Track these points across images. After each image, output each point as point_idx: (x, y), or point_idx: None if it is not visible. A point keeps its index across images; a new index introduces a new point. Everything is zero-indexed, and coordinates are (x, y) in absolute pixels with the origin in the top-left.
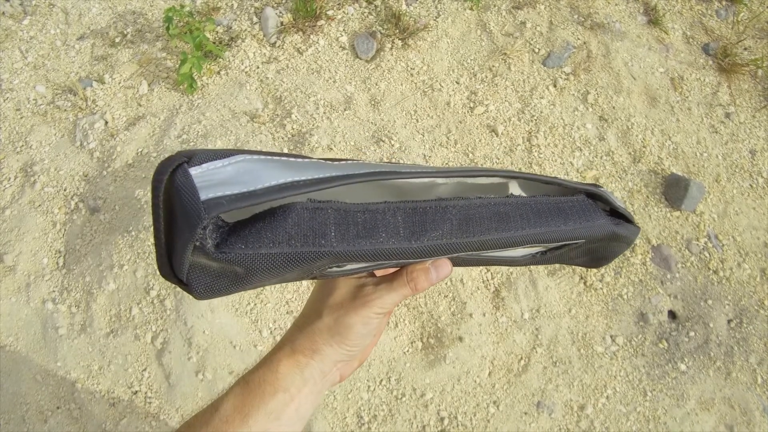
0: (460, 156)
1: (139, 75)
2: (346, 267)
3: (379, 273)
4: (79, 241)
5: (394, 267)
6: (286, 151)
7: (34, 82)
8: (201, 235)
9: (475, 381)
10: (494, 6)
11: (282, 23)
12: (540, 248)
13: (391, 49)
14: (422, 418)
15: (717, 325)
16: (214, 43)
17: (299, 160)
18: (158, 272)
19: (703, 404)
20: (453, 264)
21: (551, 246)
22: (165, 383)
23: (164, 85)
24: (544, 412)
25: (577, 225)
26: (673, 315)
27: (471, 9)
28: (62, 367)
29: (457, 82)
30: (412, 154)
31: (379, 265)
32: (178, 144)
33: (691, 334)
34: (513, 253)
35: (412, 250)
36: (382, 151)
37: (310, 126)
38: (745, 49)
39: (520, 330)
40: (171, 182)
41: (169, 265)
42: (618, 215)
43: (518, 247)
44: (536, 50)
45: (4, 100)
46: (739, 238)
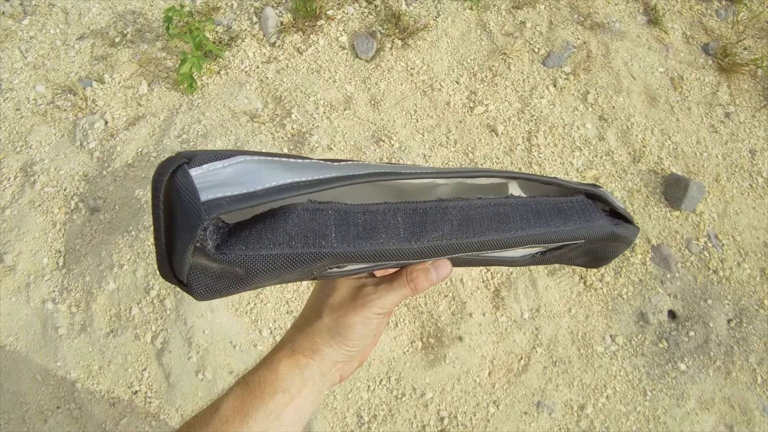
0: (459, 156)
1: (139, 75)
2: (346, 268)
3: (379, 273)
4: (79, 240)
5: (394, 267)
6: (286, 151)
7: (34, 81)
8: (201, 236)
9: (475, 381)
10: (494, 6)
11: (282, 23)
12: (540, 248)
13: (391, 48)
14: (422, 417)
15: (717, 325)
16: (214, 42)
17: (299, 160)
18: (158, 273)
19: (703, 404)
20: (453, 264)
21: (551, 246)
22: (165, 383)
23: (164, 85)
24: (544, 412)
25: (577, 225)
26: (673, 315)
27: (471, 9)
28: (62, 366)
29: (456, 82)
30: (411, 154)
31: (379, 265)
32: (177, 144)
33: (691, 333)
34: (513, 253)
35: (412, 250)
36: (381, 150)
37: (310, 126)
38: (745, 48)
39: (520, 330)
40: (171, 183)
41: (170, 266)
42: (617, 215)
43: (518, 248)
44: (536, 50)
45: (4, 100)
46: (738, 237)
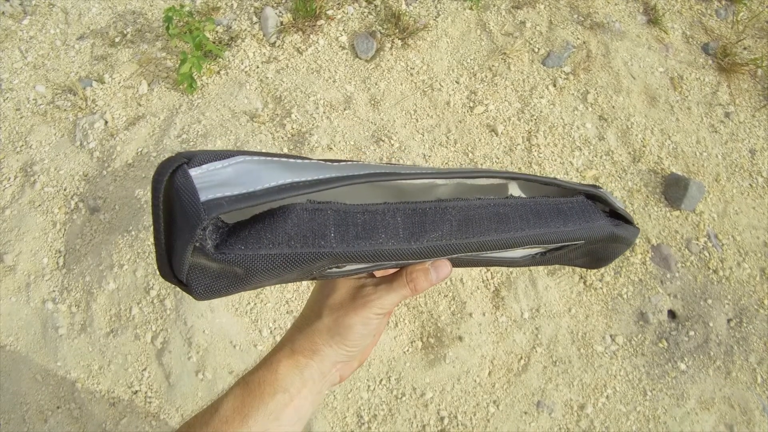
0: (459, 155)
1: (138, 75)
2: (345, 268)
3: (378, 273)
4: (79, 240)
5: (393, 268)
6: (285, 150)
7: (33, 81)
8: (201, 236)
9: (475, 380)
10: (494, 6)
11: (282, 23)
12: (540, 249)
13: (391, 48)
14: (422, 417)
15: (717, 325)
16: (214, 42)
17: (299, 161)
18: (158, 273)
19: (702, 404)
20: (453, 264)
21: (551, 247)
22: (165, 383)
23: (164, 85)
24: (544, 412)
25: (577, 226)
26: (672, 314)
27: (471, 9)
28: (62, 366)
29: (456, 82)
30: (411, 154)
31: (379, 265)
32: (177, 144)
33: (691, 333)
34: (513, 254)
35: (411, 251)
36: (381, 150)
37: (310, 126)
38: (745, 48)
39: (520, 329)
40: (171, 183)
41: (169, 266)
42: (617, 216)
43: (518, 248)
44: (536, 50)
45: (4, 100)
46: (738, 237)
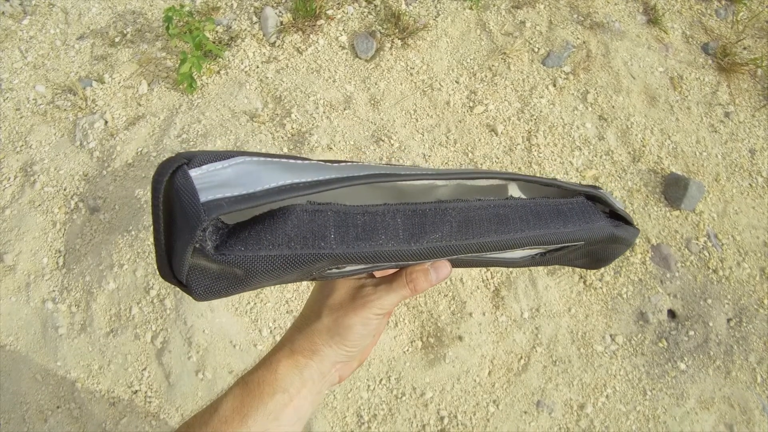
0: (459, 155)
1: (138, 75)
2: (345, 268)
3: (378, 274)
4: (79, 240)
5: (393, 268)
6: (285, 150)
7: (33, 81)
8: (201, 237)
9: (474, 380)
10: (494, 5)
11: (282, 23)
12: (539, 250)
13: (391, 48)
14: (422, 417)
15: (716, 324)
16: (214, 42)
17: (299, 161)
18: (158, 273)
19: (702, 403)
20: (452, 265)
21: (551, 248)
22: (165, 382)
23: (164, 85)
24: (543, 411)
25: (577, 227)
26: (672, 314)
27: (470, 8)
28: (62, 366)
29: (456, 82)
30: (411, 154)
31: (379, 266)
32: (177, 143)
33: (691, 333)
34: (512, 254)
35: (411, 252)
36: (381, 150)
37: (310, 125)
38: (745, 48)
39: (520, 329)
40: (171, 184)
41: (169, 267)
42: (617, 217)
43: (518, 249)
44: (536, 50)
45: (4, 100)
46: (738, 237)
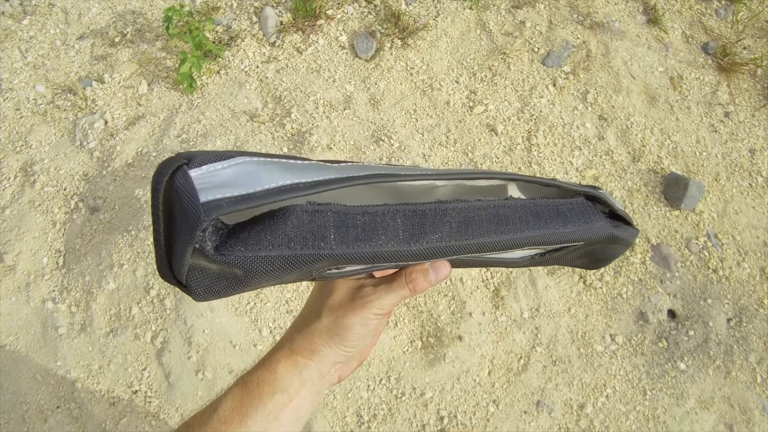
0: (459, 155)
1: (138, 74)
2: (345, 269)
3: (378, 274)
4: (79, 240)
5: (393, 268)
6: (285, 150)
7: (33, 81)
8: (200, 238)
9: (474, 380)
10: (494, 5)
11: (281, 23)
12: (539, 250)
13: (391, 48)
14: (422, 417)
15: (716, 324)
16: (214, 42)
17: (299, 162)
18: (157, 274)
19: (702, 403)
20: (452, 265)
21: (550, 248)
22: (165, 382)
23: (164, 85)
24: (543, 411)
25: (576, 227)
26: (672, 314)
27: (470, 8)
28: (62, 366)
29: (456, 82)
30: (411, 154)
31: (378, 266)
32: (177, 143)
33: (691, 333)
34: (512, 255)
35: (411, 252)
36: (381, 150)
37: (310, 125)
38: (745, 48)
39: (520, 329)
40: (171, 184)
41: (169, 267)
42: (617, 217)
43: (517, 249)
44: (536, 49)
45: (4, 100)
46: (738, 237)
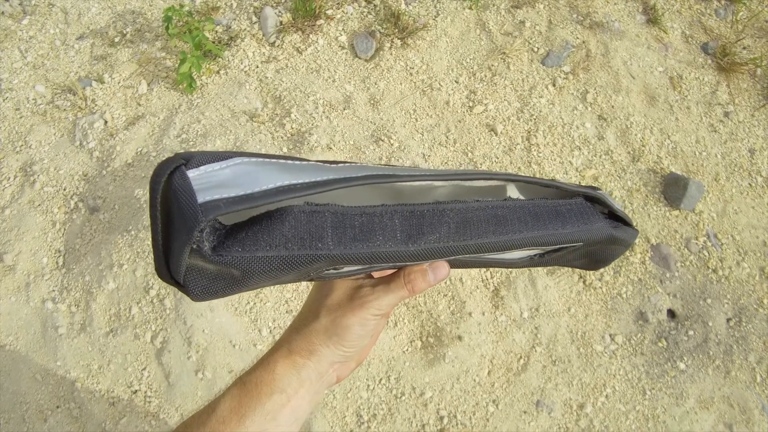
0: (459, 155)
1: (138, 74)
2: (343, 269)
3: (376, 274)
4: (79, 240)
5: (391, 269)
6: (285, 150)
7: (33, 81)
8: (198, 238)
9: (474, 380)
10: (493, 5)
11: (281, 23)
12: (538, 251)
13: (390, 48)
14: (422, 416)
15: (716, 324)
16: (214, 42)
17: (297, 162)
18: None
19: (702, 403)
20: (451, 265)
21: (549, 249)
22: (164, 382)
23: (164, 85)
24: (543, 411)
25: (575, 228)
26: (672, 314)
27: (470, 8)
28: (62, 366)
29: (456, 82)
30: (411, 154)
31: (376, 267)
32: (177, 143)
33: (690, 332)
34: (511, 255)
35: (409, 253)
36: (381, 150)
37: (310, 125)
38: (744, 48)
39: (520, 329)
40: (168, 184)
41: (167, 267)
42: (616, 218)
43: (516, 250)
44: (535, 49)
45: (4, 100)
46: (738, 236)
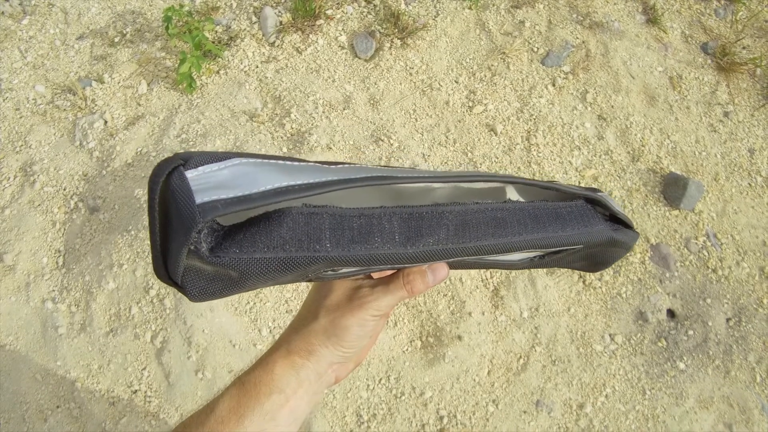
0: (459, 155)
1: (138, 74)
2: (341, 270)
3: (375, 275)
4: (79, 240)
5: (390, 270)
6: (285, 150)
7: (33, 81)
8: (196, 239)
9: (474, 380)
10: (493, 5)
11: (281, 23)
12: (538, 253)
13: (390, 48)
14: (421, 416)
15: (716, 324)
16: (213, 42)
17: (296, 163)
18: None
19: (701, 403)
20: (450, 267)
21: (549, 251)
22: (164, 382)
23: (163, 85)
24: (543, 411)
25: (575, 231)
26: (672, 314)
27: (470, 8)
28: (62, 366)
29: (456, 82)
30: (411, 154)
31: (375, 268)
32: (177, 143)
33: (690, 332)
34: (511, 257)
35: (407, 255)
36: (381, 150)
37: (309, 125)
38: (744, 48)
39: (519, 329)
40: (167, 185)
41: (165, 268)
42: (617, 220)
43: (516, 252)
44: (535, 49)
45: (4, 100)
46: (737, 236)
